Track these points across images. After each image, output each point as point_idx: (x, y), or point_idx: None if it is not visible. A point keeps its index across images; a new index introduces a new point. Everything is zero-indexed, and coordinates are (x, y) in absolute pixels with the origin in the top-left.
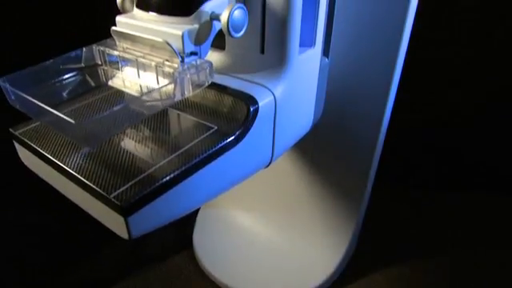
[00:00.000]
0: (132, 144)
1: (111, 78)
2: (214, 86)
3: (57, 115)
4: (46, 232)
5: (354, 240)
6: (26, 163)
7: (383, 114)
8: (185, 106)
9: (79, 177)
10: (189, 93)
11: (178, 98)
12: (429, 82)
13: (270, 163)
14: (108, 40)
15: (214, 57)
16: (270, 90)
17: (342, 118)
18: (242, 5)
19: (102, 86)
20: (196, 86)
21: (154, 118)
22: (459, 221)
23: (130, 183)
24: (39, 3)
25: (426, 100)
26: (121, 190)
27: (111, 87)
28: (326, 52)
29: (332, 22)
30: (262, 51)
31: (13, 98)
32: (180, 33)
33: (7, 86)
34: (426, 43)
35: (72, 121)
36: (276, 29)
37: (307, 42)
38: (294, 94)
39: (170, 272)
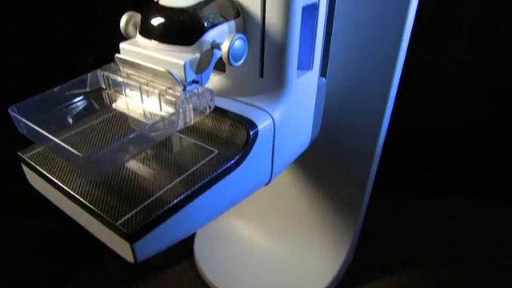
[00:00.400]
0: (136, 167)
1: (115, 101)
2: (214, 108)
3: (64, 147)
4: (48, 240)
5: (352, 249)
6: (33, 185)
7: (380, 127)
8: (186, 128)
9: (86, 203)
10: (191, 121)
11: (181, 126)
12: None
13: (269, 182)
14: (112, 64)
15: (214, 79)
16: (268, 113)
17: (339, 132)
18: (242, 35)
19: (107, 109)
20: (198, 113)
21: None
22: (458, 227)
23: (135, 210)
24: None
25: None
26: (127, 216)
27: (115, 110)
28: (323, 72)
29: (329, 43)
30: (261, 75)
31: (21, 125)
32: (182, 63)
33: (16, 115)
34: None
35: (79, 154)
36: (275, 55)
37: (305, 65)
38: (292, 116)
39: (171, 281)
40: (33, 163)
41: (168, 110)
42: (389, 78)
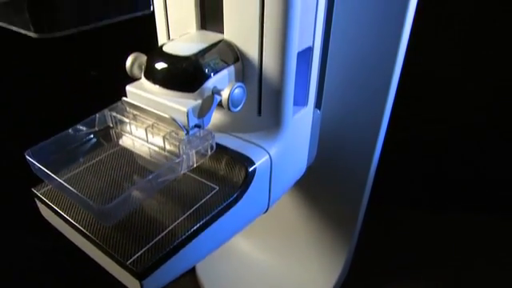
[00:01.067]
0: (143, 203)
1: (122, 139)
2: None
3: (79, 195)
4: (51, 255)
5: (347, 264)
6: (47, 218)
7: (374, 148)
8: None
9: (98, 242)
10: (193, 165)
11: (184, 170)
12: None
13: (267, 210)
14: (119, 104)
15: (214, 115)
16: (265, 150)
17: (334, 154)
18: (241, 84)
19: (114, 146)
20: (200, 155)
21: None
22: (454, 240)
23: (144, 248)
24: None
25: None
26: (136, 256)
27: (122, 147)
28: (318, 104)
29: (324, 77)
30: (259, 113)
31: (36, 167)
32: (185, 110)
33: (33, 160)
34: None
35: (93, 205)
36: (271, 95)
37: (300, 101)
38: (288, 150)
39: None
40: (46, 200)
41: (172, 149)
42: (382, 105)
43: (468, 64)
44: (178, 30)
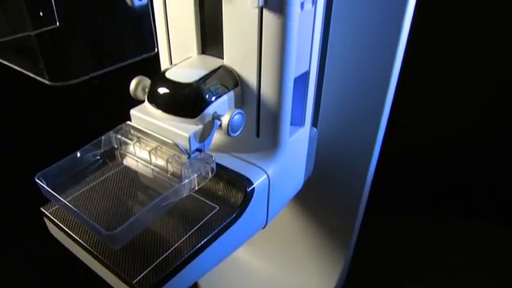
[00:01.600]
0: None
1: (126, 159)
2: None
3: (88, 221)
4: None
5: (344, 273)
6: (55, 235)
7: (370, 161)
8: None
9: (105, 261)
10: (195, 187)
11: (186, 193)
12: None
13: (265, 225)
14: (123, 125)
15: (215, 136)
16: (264, 170)
17: (330, 168)
18: (240, 110)
19: (119, 166)
20: (201, 178)
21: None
22: (451, 249)
23: (150, 267)
24: None
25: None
26: (142, 275)
27: (126, 167)
28: (315, 122)
29: (321, 96)
30: (258, 135)
31: (45, 190)
32: (187, 135)
33: (43, 184)
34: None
35: (103, 230)
36: (269, 118)
37: (297, 122)
38: (285, 169)
39: None
40: (55, 219)
41: (174, 171)
42: (377, 118)
43: (464, 72)
44: (180, 54)
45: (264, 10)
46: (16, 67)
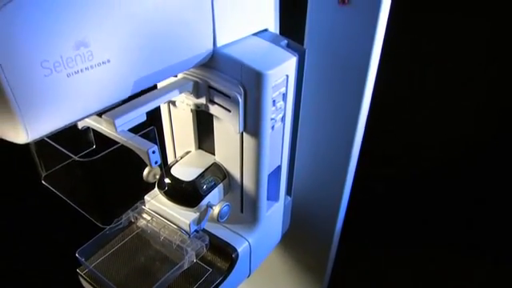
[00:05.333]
0: None
1: (142, 231)
2: (208, 233)
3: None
4: None
5: None
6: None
7: (337, 215)
8: None
9: None
10: (194, 260)
11: (188, 265)
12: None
13: (250, 275)
14: (139, 204)
15: None
16: (246, 239)
17: (304, 221)
18: (227, 204)
19: (136, 237)
20: (198, 253)
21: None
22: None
23: None
24: None
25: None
26: None
27: (142, 238)
28: (288, 192)
29: (293, 170)
30: (242, 212)
31: (84, 263)
32: (188, 222)
33: (81, 258)
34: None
35: None
36: (250, 200)
37: (273, 198)
38: (264, 235)
39: None
40: (88, 279)
41: (179, 245)
42: (342, 179)
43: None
44: (182, 148)
45: (244, 133)
46: None
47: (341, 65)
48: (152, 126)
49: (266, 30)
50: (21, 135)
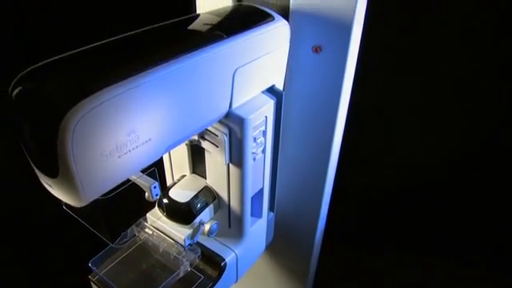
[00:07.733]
0: None
1: (144, 244)
2: (200, 245)
3: None
4: None
5: None
6: None
7: (316, 227)
8: None
9: None
10: (188, 269)
11: (183, 274)
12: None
13: (236, 281)
14: (141, 220)
15: None
16: (233, 250)
17: (287, 231)
18: (216, 222)
19: (139, 248)
20: (192, 262)
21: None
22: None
23: None
24: None
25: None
26: None
27: (144, 248)
28: (271, 207)
29: (275, 188)
30: (230, 227)
31: (96, 271)
32: (183, 237)
33: (93, 267)
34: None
35: None
36: (236, 219)
37: (257, 214)
38: (249, 247)
39: None
40: (99, 285)
41: (176, 256)
42: (319, 200)
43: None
44: (178, 171)
45: (230, 164)
46: None
47: (316, 99)
48: (154, 168)
49: (273, 86)
50: (79, 203)
